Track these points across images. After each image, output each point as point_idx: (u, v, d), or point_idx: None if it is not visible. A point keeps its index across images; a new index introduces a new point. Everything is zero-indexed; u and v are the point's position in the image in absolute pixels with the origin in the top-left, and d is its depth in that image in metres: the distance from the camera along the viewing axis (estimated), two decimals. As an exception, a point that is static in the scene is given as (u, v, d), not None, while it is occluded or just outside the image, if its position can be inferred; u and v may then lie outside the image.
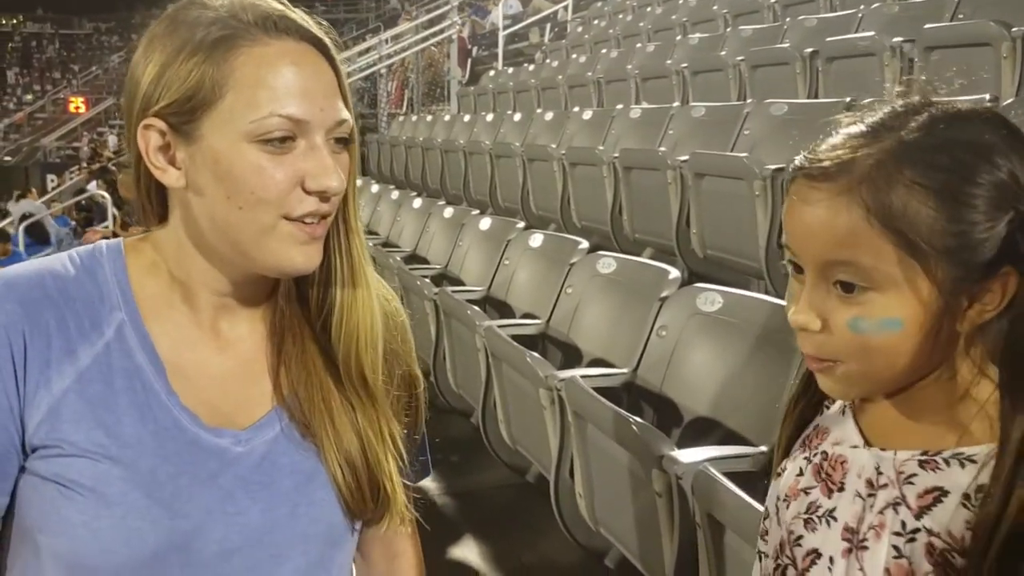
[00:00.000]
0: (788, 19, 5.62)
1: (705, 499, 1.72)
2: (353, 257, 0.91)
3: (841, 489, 0.83)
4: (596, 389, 2.20)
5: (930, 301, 0.73)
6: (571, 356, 2.90)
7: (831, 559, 0.81)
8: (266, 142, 0.81)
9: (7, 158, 30.00)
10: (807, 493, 0.86)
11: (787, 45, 4.83)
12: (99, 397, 0.83)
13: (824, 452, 0.86)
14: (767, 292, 3.13)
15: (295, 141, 0.82)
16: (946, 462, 0.76)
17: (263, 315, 0.93)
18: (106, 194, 12.05)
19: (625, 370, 2.52)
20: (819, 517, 0.84)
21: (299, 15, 0.85)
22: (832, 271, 0.74)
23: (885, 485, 0.79)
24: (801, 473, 0.88)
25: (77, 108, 31.88)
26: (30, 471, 0.83)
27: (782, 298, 2.31)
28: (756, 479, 1.85)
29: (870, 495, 0.80)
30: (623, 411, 2.02)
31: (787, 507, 0.88)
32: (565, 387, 2.27)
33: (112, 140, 21.90)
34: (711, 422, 2.25)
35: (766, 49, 4.96)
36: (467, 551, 2.82)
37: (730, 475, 1.73)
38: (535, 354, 2.51)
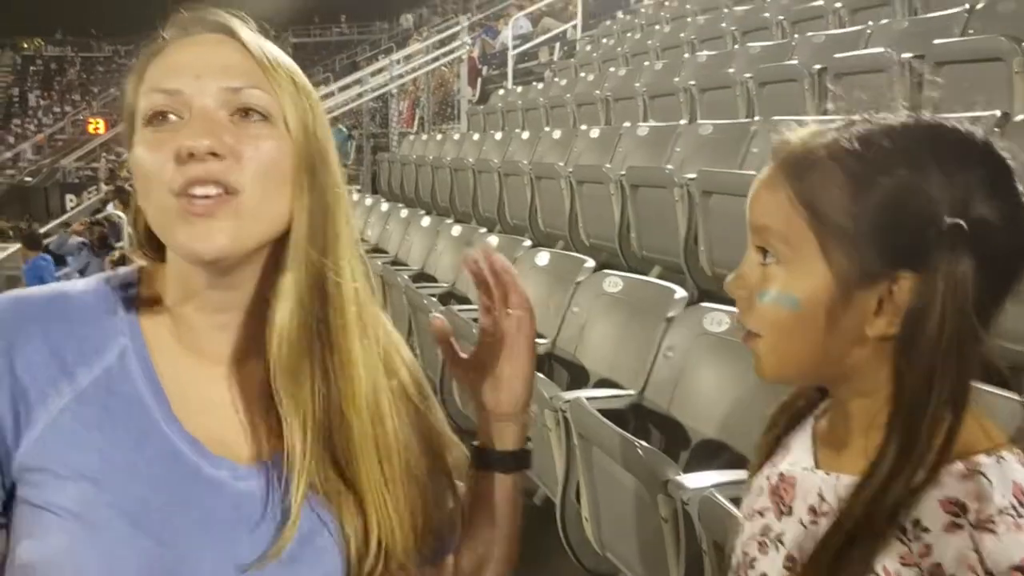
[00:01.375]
0: (796, 36, 5.60)
1: (711, 525, 1.69)
2: (320, 271, 0.84)
3: (790, 513, 0.82)
4: (602, 411, 2.17)
5: (825, 284, 0.74)
6: (577, 376, 2.87)
7: None
8: (150, 123, 0.80)
9: (28, 178, 30.45)
10: (762, 515, 0.85)
11: (795, 62, 4.80)
12: (95, 420, 0.81)
13: (781, 473, 0.85)
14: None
15: (178, 118, 0.79)
16: None
17: (266, 346, 0.87)
18: (122, 214, 12.16)
19: (632, 391, 2.48)
20: (771, 540, 0.83)
21: (214, 12, 0.86)
22: (758, 238, 0.79)
23: (827, 512, 0.77)
24: (761, 492, 0.87)
25: (96, 129, 32.29)
26: (23, 499, 0.80)
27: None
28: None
29: (812, 522, 0.78)
30: (629, 435, 1.99)
31: (744, 526, 0.88)
32: (571, 409, 2.24)
33: None
34: (719, 445, 2.21)
35: (774, 66, 4.93)
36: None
37: (737, 500, 1.70)
38: (540, 375, 2.47)
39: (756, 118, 4.48)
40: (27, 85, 41.77)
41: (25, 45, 44.63)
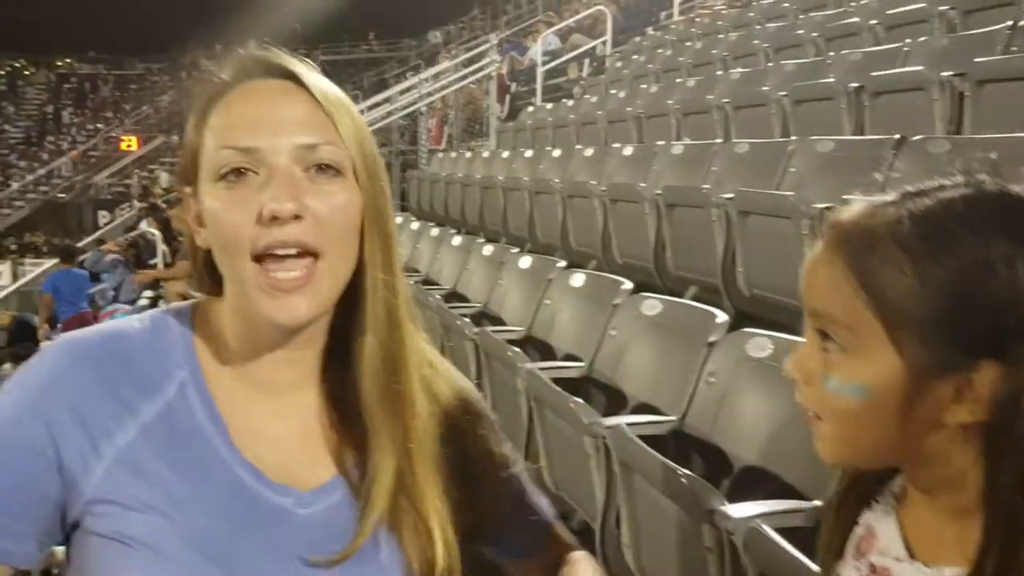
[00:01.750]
0: (831, 53, 5.54)
1: (758, 556, 1.66)
2: (391, 307, 0.87)
3: None
4: (642, 437, 2.14)
5: (897, 375, 0.70)
6: (615, 400, 2.84)
7: None
8: (223, 178, 0.81)
9: (61, 195, 31.00)
10: None
11: (831, 79, 4.75)
12: (159, 454, 0.84)
13: (872, 564, 0.81)
14: (816, 333, 3.05)
15: (254, 174, 0.81)
16: None
17: (323, 375, 0.91)
18: (156, 231, 12.33)
19: (673, 417, 2.45)
20: None
21: (276, 55, 0.86)
22: (817, 322, 0.75)
23: None
24: None
25: (129, 146, 32.83)
26: (89, 530, 0.83)
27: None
28: (810, 535, 1.78)
29: None
30: (671, 463, 1.96)
31: None
32: (611, 435, 2.21)
33: (164, 177, 22.44)
34: (762, 472, 2.17)
35: (810, 84, 4.89)
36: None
37: (783, 530, 1.67)
38: (579, 400, 2.45)
39: (792, 137, 4.43)
40: (61, 102, 42.43)
41: (59, 63, 45.45)
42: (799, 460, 2.07)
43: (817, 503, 1.87)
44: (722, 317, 2.52)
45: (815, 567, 1.04)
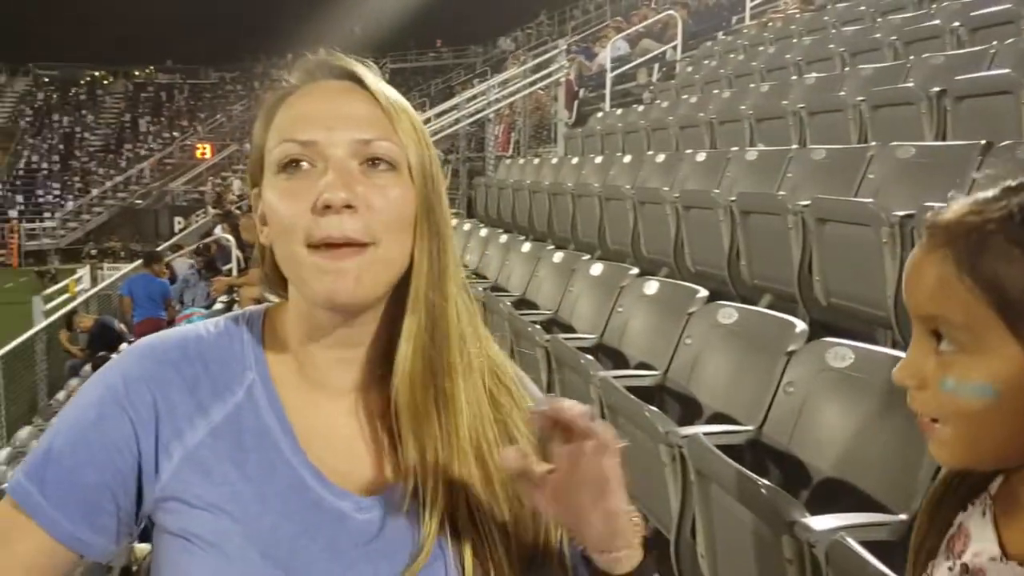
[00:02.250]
0: (911, 57, 5.42)
1: (841, 569, 1.64)
2: (438, 312, 0.87)
3: None
4: (719, 446, 2.12)
5: (1022, 368, 0.70)
6: (690, 410, 2.81)
7: None
8: (283, 170, 0.84)
9: (138, 201, 31.99)
10: None
11: (911, 84, 4.65)
12: (228, 454, 0.86)
13: (964, 565, 0.80)
14: (894, 343, 2.98)
15: (312, 166, 0.83)
16: None
17: (383, 379, 0.90)
18: (231, 237, 12.63)
19: (750, 427, 2.42)
20: None
21: (340, 59, 0.89)
22: (928, 325, 0.75)
23: None
24: None
25: (203, 154, 33.73)
26: (160, 526, 0.86)
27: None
28: (893, 549, 1.75)
29: None
30: (749, 472, 1.94)
31: None
32: (687, 444, 2.20)
33: (236, 184, 22.96)
34: (841, 484, 2.14)
35: (889, 89, 4.79)
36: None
37: (865, 544, 1.64)
38: (654, 408, 2.44)
39: (871, 143, 4.34)
40: (138, 111, 43.79)
41: (136, 73, 46.98)
42: (878, 471, 2.03)
43: (901, 517, 1.83)
44: (801, 327, 2.49)
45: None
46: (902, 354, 2.36)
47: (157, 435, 0.85)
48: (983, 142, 3.27)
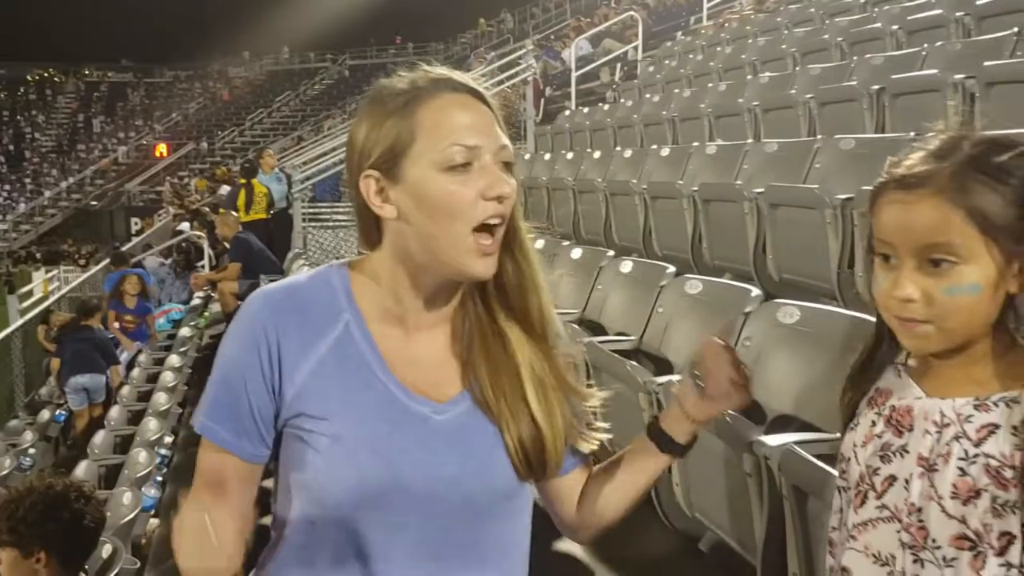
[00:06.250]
0: (855, 57, 5.90)
1: (791, 473, 2.01)
2: (526, 257, 1.16)
3: (911, 430, 1.06)
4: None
5: (997, 267, 0.98)
6: (662, 368, 3.22)
7: (906, 480, 1.05)
8: (451, 168, 1.06)
9: (93, 203, 31.26)
10: (880, 437, 1.10)
11: (855, 83, 5.11)
12: (335, 376, 1.11)
13: (892, 406, 1.10)
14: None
15: (472, 165, 1.07)
16: (995, 404, 1.01)
17: (455, 315, 1.18)
18: (202, 234, 12.77)
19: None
20: (893, 452, 1.08)
21: (458, 75, 1.14)
22: (928, 253, 0.99)
23: (948, 424, 1.03)
24: (874, 424, 1.12)
25: (161, 154, 33.20)
26: (289, 433, 1.12)
27: (853, 312, 2.64)
28: (831, 461, 2.13)
29: (937, 432, 1.03)
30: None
31: (864, 449, 1.12)
32: (663, 390, 2.61)
33: (194, 183, 22.23)
34: (791, 419, 2.54)
35: (835, 87, 5.25)
36: (569, 543, 3.10)
37: (819, 457, 1.95)
38: (633, 363, 2.85)
39: (818, 136, 4.80)
40: (91, 111, 42.63)
41: (87, 72, 45.70)
42: (821, 405, 2.44)
43: (837, 435, 2.24)
44: (756, 291, 2.91)
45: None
46: (841, 310, 2.75)
47: (281, 367, 1.10)
48: (913, 134, 3.73)
